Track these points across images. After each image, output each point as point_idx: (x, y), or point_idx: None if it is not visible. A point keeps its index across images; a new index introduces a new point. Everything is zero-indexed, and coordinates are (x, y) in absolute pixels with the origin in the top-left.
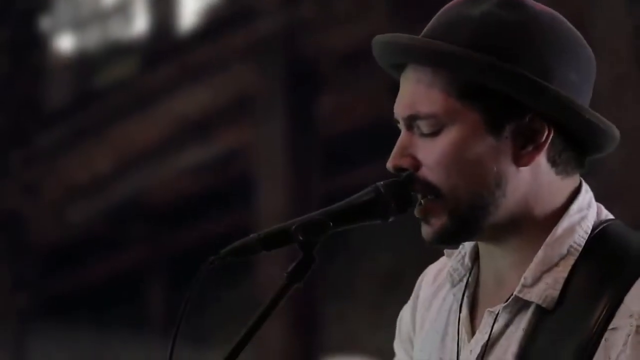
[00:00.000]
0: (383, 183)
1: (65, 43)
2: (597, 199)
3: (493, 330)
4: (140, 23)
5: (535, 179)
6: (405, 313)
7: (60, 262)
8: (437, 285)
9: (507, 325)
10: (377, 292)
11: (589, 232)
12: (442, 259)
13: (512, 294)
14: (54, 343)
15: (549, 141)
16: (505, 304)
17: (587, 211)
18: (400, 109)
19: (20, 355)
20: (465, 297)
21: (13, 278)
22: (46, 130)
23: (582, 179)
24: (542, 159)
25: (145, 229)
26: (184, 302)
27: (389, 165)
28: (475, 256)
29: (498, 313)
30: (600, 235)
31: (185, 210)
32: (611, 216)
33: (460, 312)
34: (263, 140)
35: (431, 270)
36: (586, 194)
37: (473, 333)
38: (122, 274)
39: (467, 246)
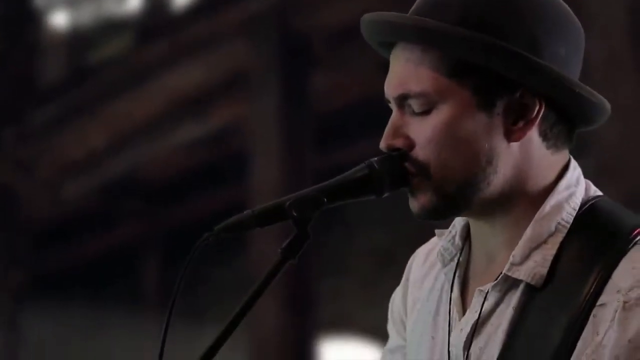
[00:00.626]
0: (377, 159)
1: (59, 19)
2: (593, 176)
3: (483, 309)
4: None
5: (526, 155)
6: (396, 296)
7: (54, 238)
8: (428, 266)
9: (497, 304)
10: (371, 270)
11: (577, 209)
12: (433, 240)
13: (501, 273)
14: (49, 319)
15: (540, 116)
16: (495, 282)
17: (576, 188)
18: (390, 89)
19: (14, 332)
20: (456, 277)
21: (7, 255)
22: (40, 107)
23: (571, 155)
24: (533, 133)
25: (139, 205)
26: (178, 279)
27: (382, 145)
28: (466, 235)
29: (488, 292)
30: (588, 212)
31: (180, 186)
32: (599, 193)
33: (451, 291)
34: (257, 116)
35: (421, 251)
36: (574, 171)
37: (464, 312)
38: (116, 250)
39: (457, 225)
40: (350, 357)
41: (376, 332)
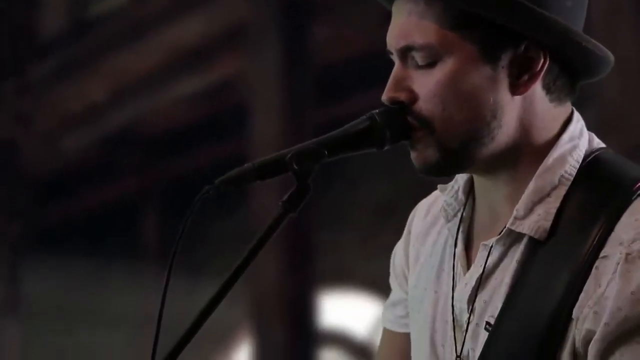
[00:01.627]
0: (378, 111)
1: None
2: (594, 128)
3: (487, 263)
4: None
5: (530, 108)
6: (398, 249)
7: (54, 191)
8: (430, 220)
9: (501, 258)
10: (371, 223)
11: (581, 161)
12: (434, 193)
13: (505, 227)
14: (48, 273)
15: (544, 69)
16: (499, 236)
17: (579, 140)
18: (394, 40)
19: (14, 285)
20: (460, 232)
21: (7, 208)
22: (40, 60)
23: (574, 107)
24: (537, 86)
25: (139, 158)
26: (179, 232)
27: (385, 97)
28: (469, 190)
29: (492, 246)
30: (591, 165)
31: (180, 139)
32: (602, 145)
33: (455, 246)
34: (257, 69)
35: (422, 206)
36: (577, 123)
37: (468, 267)
38: (116, 203)
39: (460, 180)
40: (350, 310)
41: (376, 285)
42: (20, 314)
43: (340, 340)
